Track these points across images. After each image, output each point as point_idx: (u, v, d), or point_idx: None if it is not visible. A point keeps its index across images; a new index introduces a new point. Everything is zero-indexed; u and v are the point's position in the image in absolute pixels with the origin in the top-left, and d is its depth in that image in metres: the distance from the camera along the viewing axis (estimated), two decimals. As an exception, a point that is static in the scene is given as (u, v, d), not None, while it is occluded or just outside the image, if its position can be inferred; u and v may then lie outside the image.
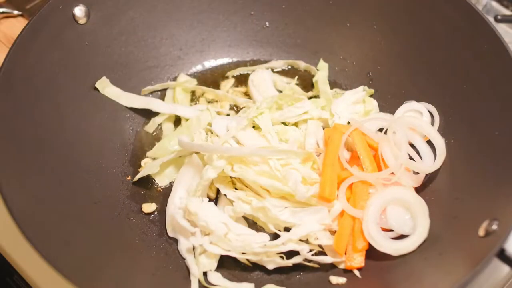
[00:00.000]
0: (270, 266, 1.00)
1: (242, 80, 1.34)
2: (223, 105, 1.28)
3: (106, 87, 1.18)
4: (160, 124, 1.24)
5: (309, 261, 1.01)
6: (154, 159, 1.18)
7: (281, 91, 1.29)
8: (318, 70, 1.33)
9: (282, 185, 1.03)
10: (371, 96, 1.25)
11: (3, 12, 1.42)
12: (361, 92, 1.22)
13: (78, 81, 1.14)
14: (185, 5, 1.29)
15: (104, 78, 1.18)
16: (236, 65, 1.35)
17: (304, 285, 1.00)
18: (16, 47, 1.02)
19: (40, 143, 1.01)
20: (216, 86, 1.32)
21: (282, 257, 1.00)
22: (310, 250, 1.01)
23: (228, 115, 1.25)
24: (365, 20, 1.26)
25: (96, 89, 1.17)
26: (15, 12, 1.43)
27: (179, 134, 1.19)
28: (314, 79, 1.31)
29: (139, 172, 1.15)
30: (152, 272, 0.99)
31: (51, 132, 1.05)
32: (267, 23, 1.34)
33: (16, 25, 1.41)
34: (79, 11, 1.13)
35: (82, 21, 1.14)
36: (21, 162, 0.96)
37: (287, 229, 1.03)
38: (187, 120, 1.22)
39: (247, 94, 1.31)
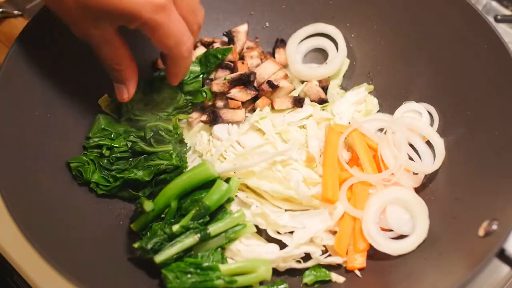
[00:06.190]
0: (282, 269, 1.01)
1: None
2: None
3: (109, 106, 1.16)
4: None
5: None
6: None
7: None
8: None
9: (283, 189, 1.03)
10: (370, 93, 1.25)
11: (3, 12, 1.42)
12: (364, 93, 1.21)
13: (78, 81, 1.13)
14: (185, 5, 1.29)
15: (106, 96, 1.15)
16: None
17: (304, 285, 1.00)
18: (16, 47, 1.02)
19: (40, 143, 1.01)
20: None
21: (299, 261, 1.00)
22: (322, 252, 1.01)
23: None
24: (365, 20, 1.26)
25: (96, 88, 1.17)
26: (15, 12, 1.43)
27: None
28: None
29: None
30: (152, 272, 0.99)
31: (51, 132, 1.04)
32: (267, 23, 1.34)
33: (16, 25, 1.40)
34: (79, 11, 1.13)
35: (82, 21, 1.14)
36: (21, 162, 0.96)
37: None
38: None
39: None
